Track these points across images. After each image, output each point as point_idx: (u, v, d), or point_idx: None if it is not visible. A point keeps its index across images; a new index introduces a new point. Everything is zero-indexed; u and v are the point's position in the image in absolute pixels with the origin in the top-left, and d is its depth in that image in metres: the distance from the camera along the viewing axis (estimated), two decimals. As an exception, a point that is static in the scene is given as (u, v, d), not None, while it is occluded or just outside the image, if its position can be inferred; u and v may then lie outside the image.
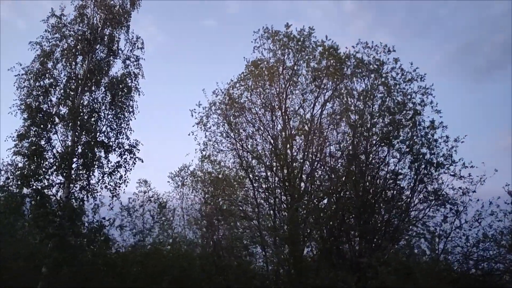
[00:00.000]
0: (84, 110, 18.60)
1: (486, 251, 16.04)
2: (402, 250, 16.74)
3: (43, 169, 16.85)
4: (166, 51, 70.47)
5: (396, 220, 15.97)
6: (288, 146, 23.08)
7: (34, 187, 16.49)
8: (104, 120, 18.69)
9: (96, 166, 17.97)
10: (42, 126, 17.49)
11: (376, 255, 13.13)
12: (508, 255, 15.35)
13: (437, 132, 17.35)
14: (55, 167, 17.00)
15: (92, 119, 18.52)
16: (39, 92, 17.79)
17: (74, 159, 17.64)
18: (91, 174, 17.99)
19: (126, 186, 18.12)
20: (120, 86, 19.35)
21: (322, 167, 19.73)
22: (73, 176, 17.49)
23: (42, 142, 17.30)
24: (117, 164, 18.12)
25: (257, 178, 22.18)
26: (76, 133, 17.91)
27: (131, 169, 18.56)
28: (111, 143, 18.28)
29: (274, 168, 22.80)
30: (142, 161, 18.76)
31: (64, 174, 17.17)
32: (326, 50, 23.70)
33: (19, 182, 16.37)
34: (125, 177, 18.20)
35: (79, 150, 17.79)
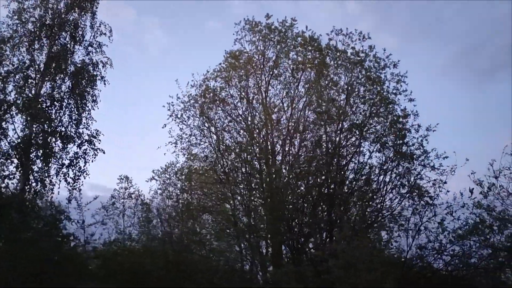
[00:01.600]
0: (43, 98, 17.77)
1: (462, 246, 15.26)
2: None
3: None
4: (170, 53, 69.91)
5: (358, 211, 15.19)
6: (268, 138, 22.36)
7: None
8: (64, 109, 17.85)
9: (53, 157, 17.13)
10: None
11: (327, 248, 12.34)
12: (482, 250, 14.55)
13: (410, 122, 16.57)
14: (8, 158, 16.18)
15: (51, 108, 17.69)
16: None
17: (31, 150, 16.80)
18: (49, 165, 17.19)
19: (85, 178, 17.28)
20: (84, 74, 18.54)
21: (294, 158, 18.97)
22: (30, 167, 16.66)
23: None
24: (75, 155, 17.27)
25: (228, 171, 21.41)
26: (34, 123, 17.07)
27: (92, 161, 17.81)
28: (70, 133, 17.41)
29: (249, 161, 22.05)
30: (104, 152, 17.97)
31: (18, 165, 16.33)
32: (305, 41, 23.06)
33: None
34: (84, 168, 17.37)
35: (37, 140, 16.96)
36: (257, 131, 22.74)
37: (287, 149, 20.66)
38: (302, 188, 16.14)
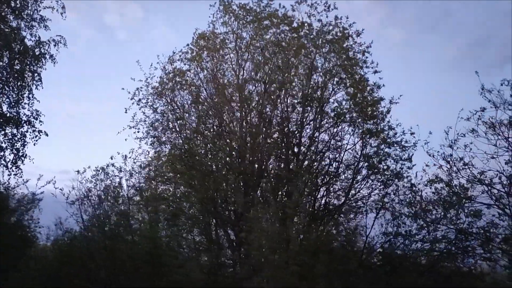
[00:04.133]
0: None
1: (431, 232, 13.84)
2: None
3: None
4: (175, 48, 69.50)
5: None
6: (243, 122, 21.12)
7: None
8: (4, 88, 16.55)
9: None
10: None
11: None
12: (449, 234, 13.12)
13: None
14: None
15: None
16: None
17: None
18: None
19: (23, 162, 15.97)
20: (27, 52, 17.22)
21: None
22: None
23: None
24: (12, 136, 15.97)
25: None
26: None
27: (35, 144, 16.51)
28: (8, 114, 16.11)
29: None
30: (47, 135, 16.68)
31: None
32: (279, 19, 21.81)
33: None
34: (23, 151, 16.06)
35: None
36: (226, 109, 21.54)
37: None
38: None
